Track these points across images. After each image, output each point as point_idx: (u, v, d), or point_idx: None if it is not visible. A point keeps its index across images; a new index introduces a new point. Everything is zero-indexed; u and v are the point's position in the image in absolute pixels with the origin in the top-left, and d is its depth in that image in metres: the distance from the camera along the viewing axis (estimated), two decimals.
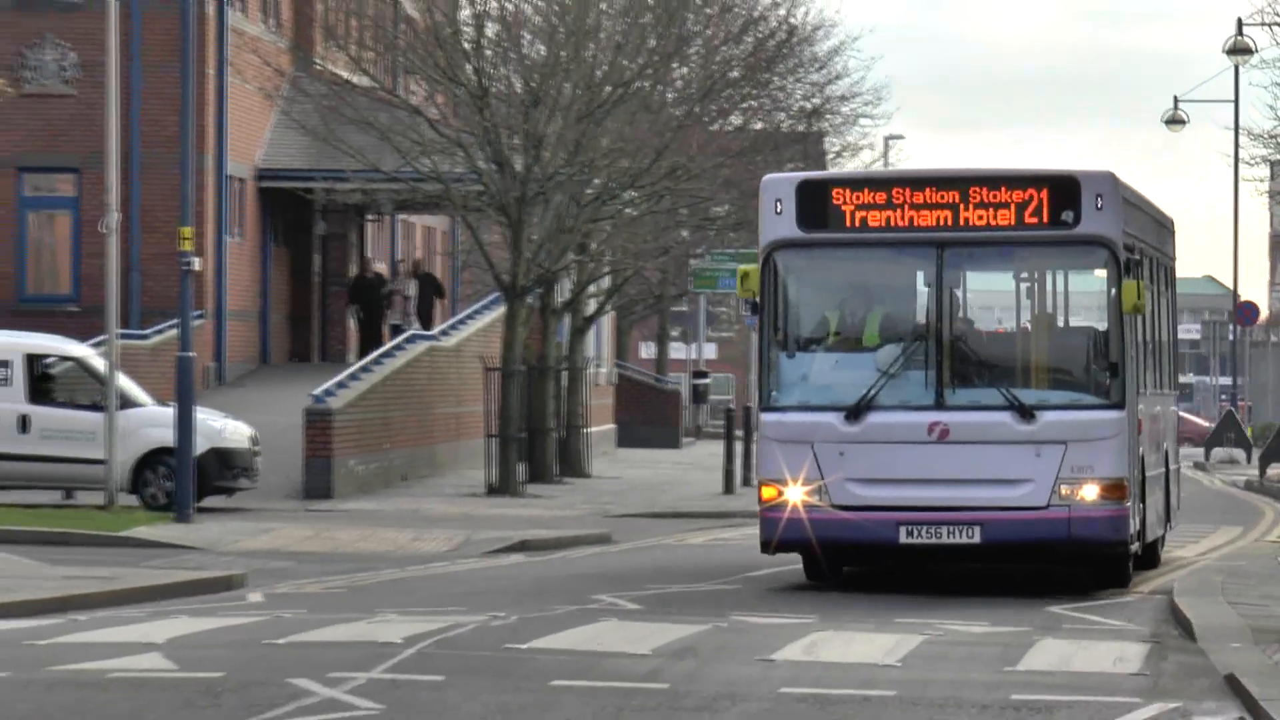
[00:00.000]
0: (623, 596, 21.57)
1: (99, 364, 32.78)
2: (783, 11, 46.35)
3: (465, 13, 42.72)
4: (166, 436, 31.25)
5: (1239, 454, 61.51)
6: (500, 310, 43.43)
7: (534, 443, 42.39)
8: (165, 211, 38.61)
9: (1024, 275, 22.81)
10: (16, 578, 22.61)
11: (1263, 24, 58.11)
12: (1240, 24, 62.74)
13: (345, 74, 44.66)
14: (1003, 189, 21.21)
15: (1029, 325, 23.18)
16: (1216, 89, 68.62)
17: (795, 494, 20.92)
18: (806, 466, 20.91)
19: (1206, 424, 74.55)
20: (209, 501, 31.94)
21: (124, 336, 34.89)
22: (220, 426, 32.72)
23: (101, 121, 33.45)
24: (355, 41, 44.92)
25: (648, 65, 42.50)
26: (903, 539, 21.03)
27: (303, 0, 48.20)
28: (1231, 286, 75.99)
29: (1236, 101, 67.21)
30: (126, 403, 32.35)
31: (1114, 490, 21.14)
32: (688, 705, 14.01)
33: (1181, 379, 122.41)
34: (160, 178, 40.35)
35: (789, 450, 21.05)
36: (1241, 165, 61.32)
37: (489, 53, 40.85)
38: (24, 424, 32.16)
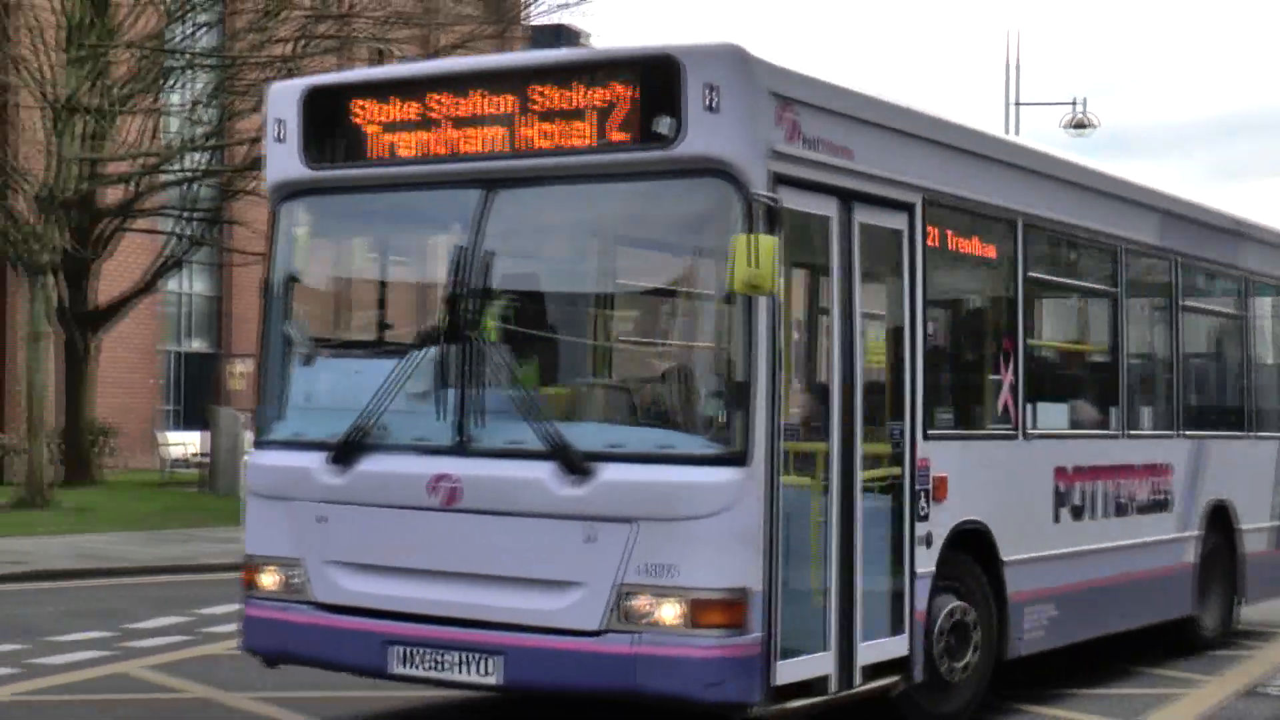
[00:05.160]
0: None
1: None
2: None
3: None
4: None
5: None
6: None
7: None
8: None
9: (609, 232, 9.49)
10: None
11: None
12: None
13: None
14: (576, 85, 8.67)
15: (607, 317, 9.84)
16: None
17: (271, 580, 9.41)
18: (285, 537, 9.32)
19: None
20: None
21: None
22: None
23: None
24: None
25: None
26: (394, 666, 8.92)
27: None
28: None
29: None
30: None
31: (717, 613, 8.25)
32: None
33: None
34: None
35: (270, 511, 9.38)
36: None
37: None
38: None
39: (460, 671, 8.68)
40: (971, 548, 10.30)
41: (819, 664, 8.88)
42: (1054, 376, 11.88)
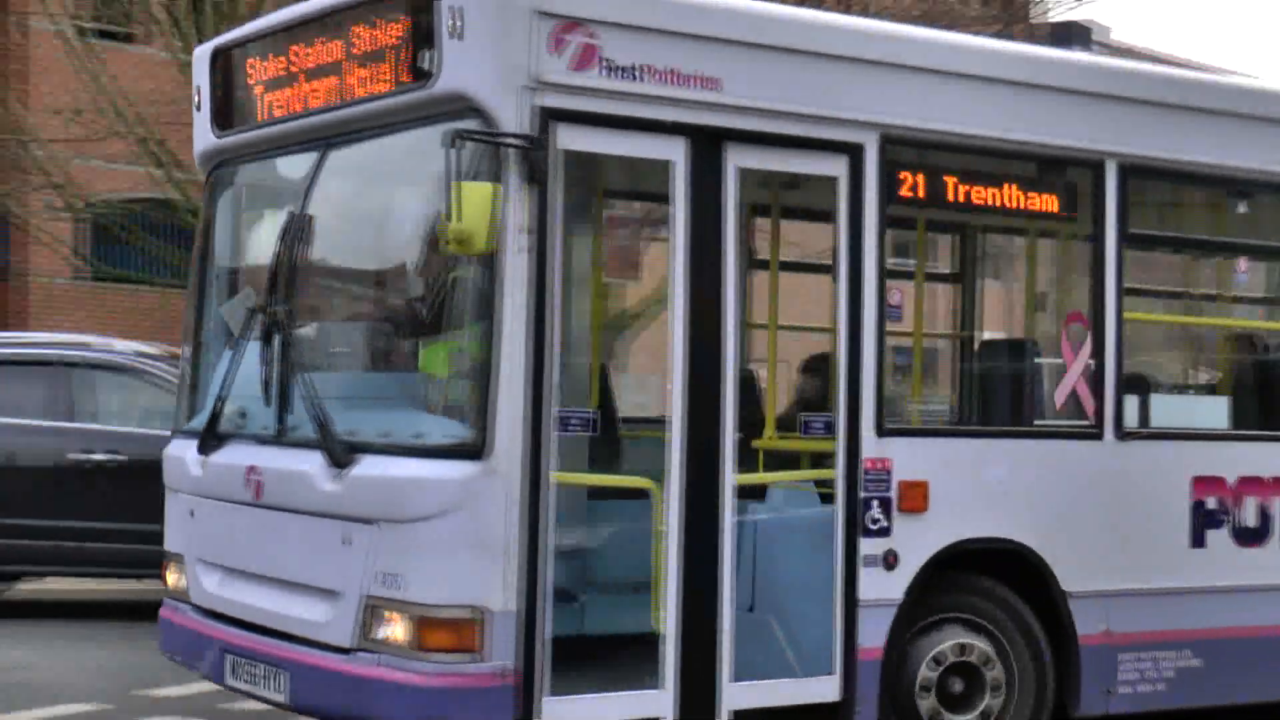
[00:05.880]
0: None
1: None
2: None
3: None
4: None
5: None
6: None
7: None
8: None
9: (395, 191, 7.87)
10: None
11: None
12: None
13: None
14: (378, 22, 7.37)
15: (393, 289, 8.00)
16: None
17: (172, 578, 8.53)
18: (176, 533, 8.52)
19: None
20: None
21: None
22: None
23: None
24: None
25: None
26: (227, 677, 7.90)
27: None
28: None
29: None
30: None
31: (444, 634, 6.79)
32: None
33: None
34: None
35: (171, 504, 8.56)
36: None
37: None
38: None
39: (263, 686, 7.73)
40: (1002, 573, 8.22)
41: (640, 704, 7.27)
42: (1192, 363, 9.30)
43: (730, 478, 7.42)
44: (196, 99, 8.82)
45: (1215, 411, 9.10)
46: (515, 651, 6.89)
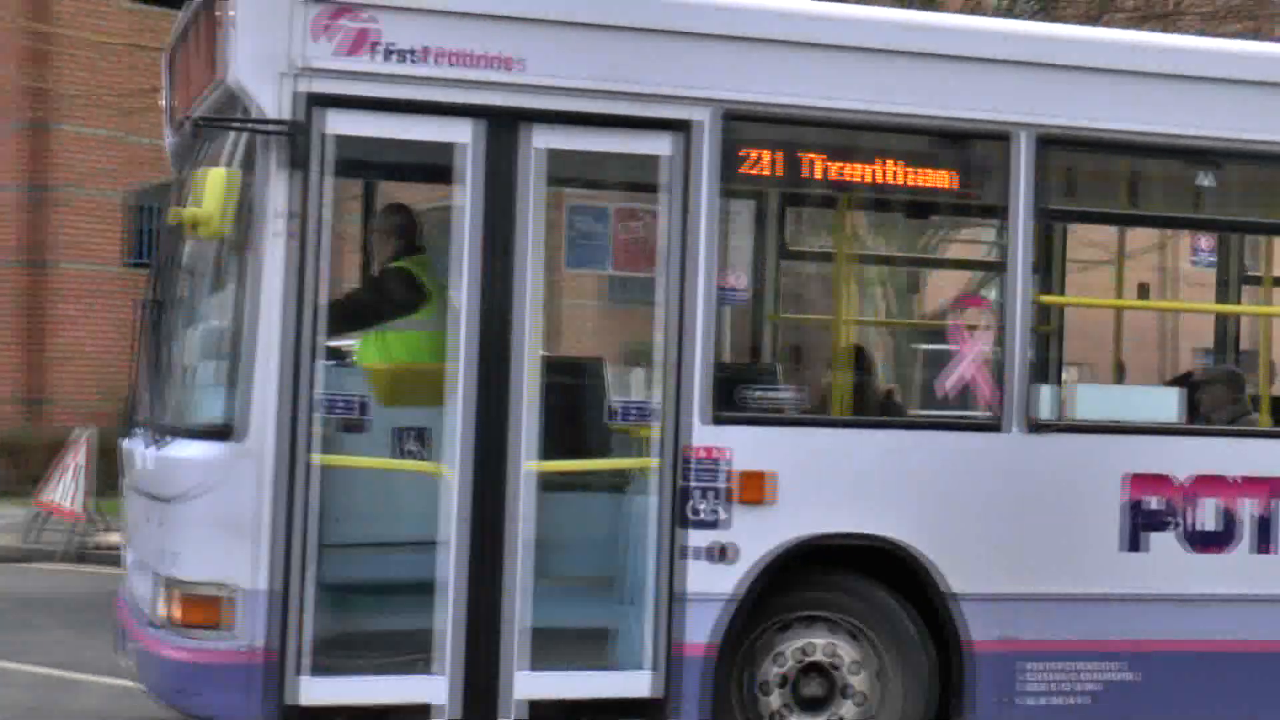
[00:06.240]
0: None
1: None
2: None
3: None
4: None
5: None
6: None
7: None
8: None
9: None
10: None
11: None
12: None
13: None
14: (216, 17, 7.18)
15: (195, 278, 7.79)
16: None
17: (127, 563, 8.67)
18: None
19: None
20: None
21: None
22: None
23: None
24: None
25: None
26: (122, 657, 8.03)
27: None
28: None
29: None
30: None
31: (198, 610, 6.90)
32: None
33: None
34: None
35: None
36: None
37: None
38: None
39: (131, 663, 8.03)
40: (880, 572, 7.76)
41: (413, 689, 7.21)
42: (1142, 352, 8.44)
43: (523, 464, 7.29)
44: (160, 98, 9.20)
45: (1161, 404, 8.31)
46: (267, 630, 6.98)
